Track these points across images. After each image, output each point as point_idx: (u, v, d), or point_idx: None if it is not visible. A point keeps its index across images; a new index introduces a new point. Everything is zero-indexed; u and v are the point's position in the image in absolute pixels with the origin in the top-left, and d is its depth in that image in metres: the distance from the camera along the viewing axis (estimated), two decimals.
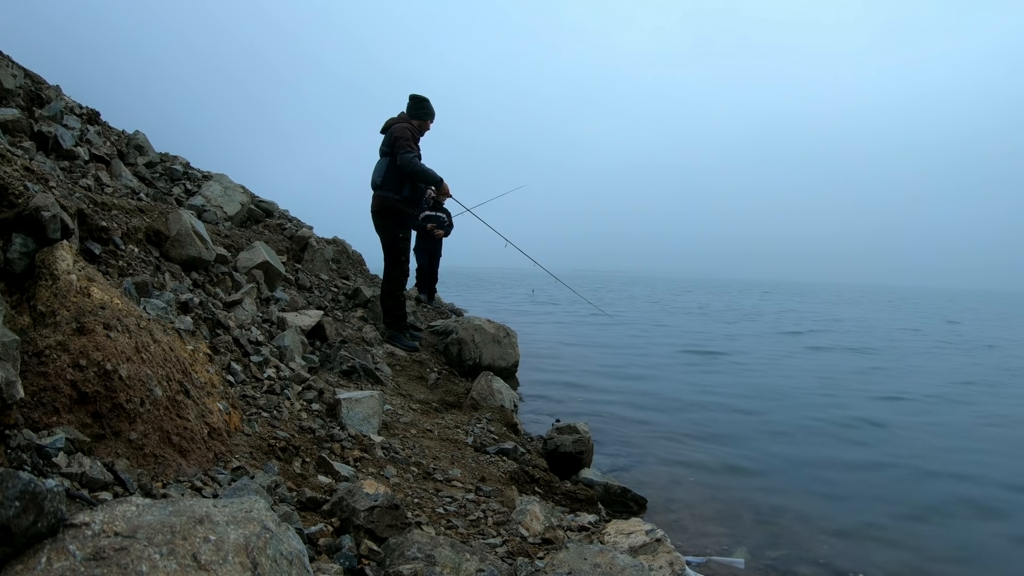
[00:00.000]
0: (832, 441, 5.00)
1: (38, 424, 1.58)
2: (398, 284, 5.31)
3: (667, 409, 5.86)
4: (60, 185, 2.66)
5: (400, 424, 3.41)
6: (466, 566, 1.68)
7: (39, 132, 4.08)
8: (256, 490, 1.76)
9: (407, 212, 5.28)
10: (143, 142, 5.57)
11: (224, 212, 5.54)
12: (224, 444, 2.10)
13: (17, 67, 4.56)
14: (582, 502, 3.00)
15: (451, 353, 5.62)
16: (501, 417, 4.08)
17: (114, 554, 0.97)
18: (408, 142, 5.02)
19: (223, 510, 1.14)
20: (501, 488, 2.75)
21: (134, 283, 2.61)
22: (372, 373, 4.01)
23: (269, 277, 4.34)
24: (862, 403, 6.48)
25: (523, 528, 2.23)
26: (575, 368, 7.94)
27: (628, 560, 1.78)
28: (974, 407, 6.60)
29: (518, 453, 3.45)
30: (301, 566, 1.18)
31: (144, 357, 1.89)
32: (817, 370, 8.74)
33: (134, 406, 1.77)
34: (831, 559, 2.92)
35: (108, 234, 2.75)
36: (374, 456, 2.71)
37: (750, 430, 5.19)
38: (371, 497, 1.87)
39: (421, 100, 5.23)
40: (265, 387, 2.91)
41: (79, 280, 1.98)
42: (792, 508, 3.54)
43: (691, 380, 7.46)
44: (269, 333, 3.63)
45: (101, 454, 1.64)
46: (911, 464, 4.44)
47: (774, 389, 7.04)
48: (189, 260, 3.48)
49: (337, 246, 7.18)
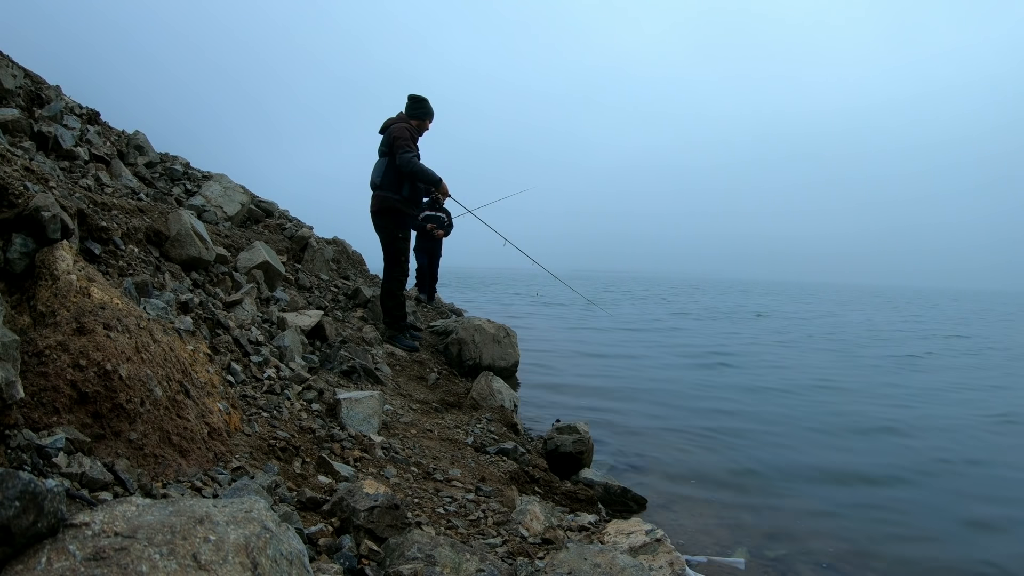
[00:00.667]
0: (833, 441, 5.00)
1: (38, 424, 1.58)
2: (398, 284, 5.32)
3: (667, 409, 5.86)
4: (60, 185, 2.66)
5: (400, 424, 3.41)
6: (466, 566, 1.68)
7: (39, 132, 4.08)
8: (256, 490, 1.76)
9: (406, 212, 5.28)
10: (143, 142, 5.57)
11: (224, 212, 5.54)
12: (224, 444, 2.10)
13: (17, 67, 4.56)
14: (582, 502, 3.00)
15: (451, 353, 5.62)
16: (501, 417, 4.08)
17: (114, 554, 0.97)
18: (407, 142, 5.03)
19: (223, 510, 1.14)
20: (501, 488, 2.75)
21: (134, 283, 2.61)
22: (372, 373, 4.01)
23: (269, 277, 4.34)
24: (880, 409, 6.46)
25: (523, 528, 2.23)
26: (575, 368, 7.94)
27: (628, 560, 1.78)
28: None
29: (518, 453, 3.45)
30: (301, 566, 1.18)
31: (144, 357, 1.89)
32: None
33: (134, 406, 1.77)
34: (831, 559, 2.92)
35: (108, 234, 2.76)
36: (374, 456, 2.71)
37: (751, 430, 5.19)
38: (371, 497, 1.87)
39: (420, 100, 5.24)
40: (265, 387, 2.91)
41: (79, 280, 1.98)
42: (792, 508, 3.54)
43: (691, 380, 7.46)
44: (269, 333, 3.63)
45: (101, 454, 1.64)
46: (912, 464, 4.44)
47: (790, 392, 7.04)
48: (189, 260, 3.48)
49: (337, 246, 7.18)
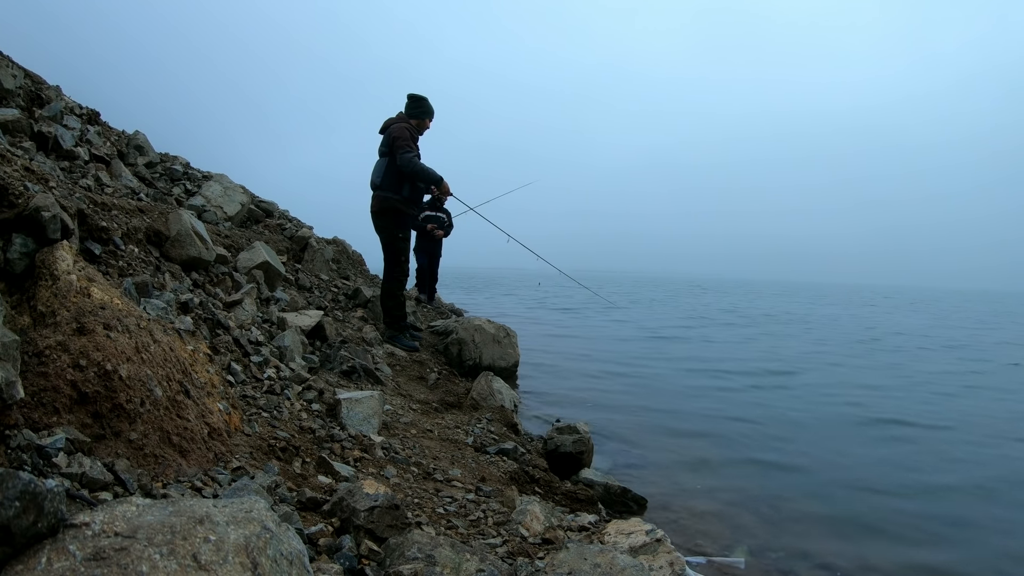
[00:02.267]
0: (833, 442, 5.00)
1: (38, 424, 1.58)
2: (398, 284, 5.32)
3: (667, 409, 5.86)
4: (60, 185, 2.66)
5: (400, 424, 3.41)
6: (466, 566, 1.67)
7: (39, 132, 4.08)
8: (256, 490, 1.76)
9: (407, 212, 5.28)
10: (143, 142, 5.57)
11: (224, 212, 5.54)
12: (224, 444, 2.10)
13: (17, 67, 4.56)
14: (582, 502, 3.00)
15: (451, 353, 5.62)
16: (501, 417, 4.08)
17: (114, 554, 0.97)
18: (407, 142, 5.03)
19: (223, 510, 1.14)
20: (501, 488, 2.75)
21: (134, 283, 2.61)
22: (372, 373, 4.01)
23: (269, 277, 4.34)
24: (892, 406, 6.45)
25: (523, 528, 2.23)
26: (575, 368, 7.94)
27: (628, 560, 1.78)
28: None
29: (518, 453, 3.45)
30: (301, 566, 1.18)
31: (144, 357, 1.89)
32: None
33: (134, 406, 1.77)
34: (831, 559, 2.92)
35: (108, 234, 2.75)
36: (374, 456, 2.71)
37: (751, 431, 5.19)
38: (371, 497, 1.87)
39: (419, 99, 5.23)
40: (265, 387, 2.91)
41: (79, 280, 1.98)
42: (792, 508, 3.53)
43: (691, 380, 7.46)
44: (269, 333, 3.63)
45: (101, 454, 1.64)
46: (913, 464, 4.44)
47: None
48: (189, 260, 3.48)
49: (337, 246, 7.18)
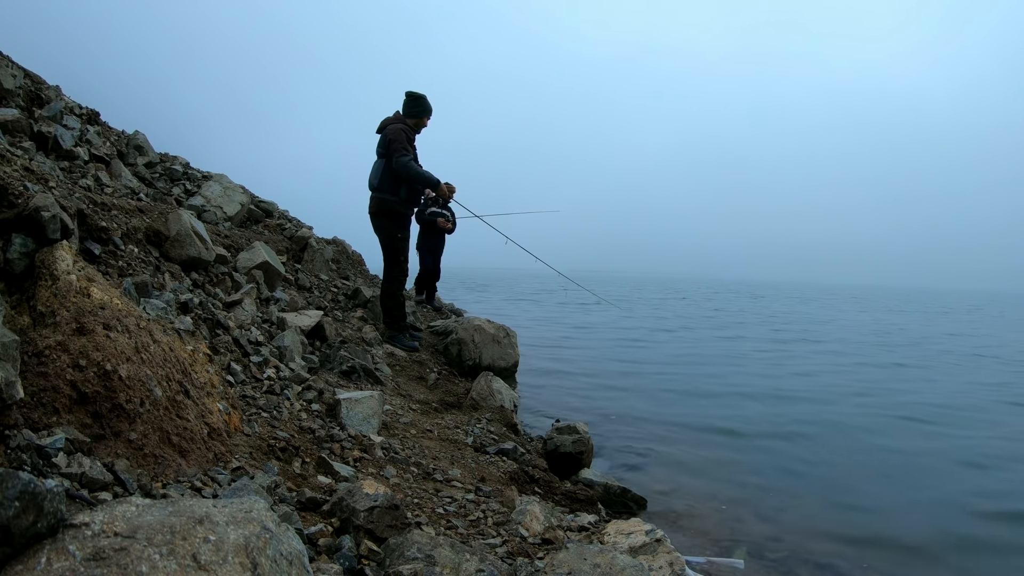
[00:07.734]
0: (834, 441, 5.00)
1: (38, 424, 1.58)
2: (398, 284, 5.31)
3: (667, 409, 5.86)
4: (60, 185, 2.66)
5: (400, 424, 3.41)
6: (466, 566, 1.67)
7: (39, 132, 4.08)
8: (256, 490, 1.76)
9: (405, 213, 5.28)
10: (143, 142, 5.57)
11: (224, 212, 5.54)
12: (224, 444, 2.10)
13: (17, 67, 4.56)
14: (582, 502, 3.00)
15: (451, 353, 5.62)
16: (501, 417, 4.08)
17: (114, 554, 0.97)
18: (402, 144, 4.95)
19: (223, 510, 1.14)
20: (501, 488, 2.75)
21: (134, 283, 2.61)
22: (372, 373, 4.01)
23: (269, 277, 4.34)
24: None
25: (523, 528, 2.23)
26: (575, 368, 7.94)
27: (628, 560, 1.78)
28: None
29: (518, 453, 3.45)
30: (301, 566, 1.18)
31: (144, 357, 1.89)
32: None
33: (134, 406, 1.77)
34: (831, 559, 2.92)
35: (108, 234, 2.75)
36: (374, 456, 2.71)
37: (751, 431, 5.19)
38: (371, 497, 1.87)
39: (417, 97, 5.19)
40: (265, 387, 2.91)
41: (79, 280, 1.98)
42: (792, 508, 3.54)
43: (690, 380, 7.46)
44: (269, 333, 3.63)
45: (101, 454, 1.64)
46: (915, 464, 4.44)
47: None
48: (189, 260, 3.48)
49: (337, 246, 7.18)
